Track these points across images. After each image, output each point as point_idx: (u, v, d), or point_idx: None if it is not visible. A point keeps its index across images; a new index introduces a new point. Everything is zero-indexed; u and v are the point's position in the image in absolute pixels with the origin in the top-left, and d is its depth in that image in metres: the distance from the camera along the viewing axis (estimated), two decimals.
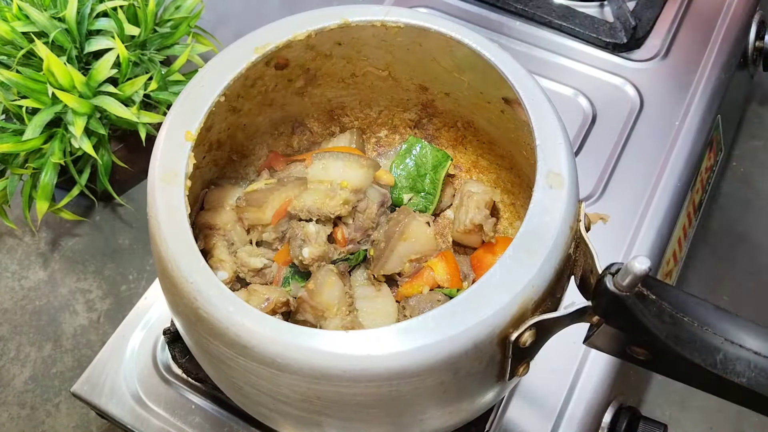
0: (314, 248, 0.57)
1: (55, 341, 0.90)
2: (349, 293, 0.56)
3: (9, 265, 0.97)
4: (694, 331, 0.40)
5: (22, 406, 0.86)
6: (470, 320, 0.41)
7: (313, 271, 0.57)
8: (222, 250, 0.58)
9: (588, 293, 0.44)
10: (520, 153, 0.59)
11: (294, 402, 0.44)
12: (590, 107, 0.84)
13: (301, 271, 0.60)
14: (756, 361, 0.39)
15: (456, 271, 0.60)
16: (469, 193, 0.60)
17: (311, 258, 0.57)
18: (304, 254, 0.56)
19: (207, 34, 0.99)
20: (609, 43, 0.88)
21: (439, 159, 0.64)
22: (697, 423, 0.84)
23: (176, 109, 0.50)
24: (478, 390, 0.48)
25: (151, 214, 0.46)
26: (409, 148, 0.65)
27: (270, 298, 0.54)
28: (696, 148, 0.81)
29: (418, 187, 0.65)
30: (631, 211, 0.75)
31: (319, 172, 0.59)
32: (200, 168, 0.58)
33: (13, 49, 0.85)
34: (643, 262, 0.38)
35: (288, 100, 0.63)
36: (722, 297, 0.94)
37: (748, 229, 1.00)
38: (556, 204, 0.45)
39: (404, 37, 0.56)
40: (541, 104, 0.49)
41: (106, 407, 0.65)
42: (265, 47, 0.52)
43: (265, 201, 0.58)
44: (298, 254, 0.57)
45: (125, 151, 0.95)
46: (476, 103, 0.61)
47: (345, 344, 0.40)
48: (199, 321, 0.43)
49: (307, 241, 0.57)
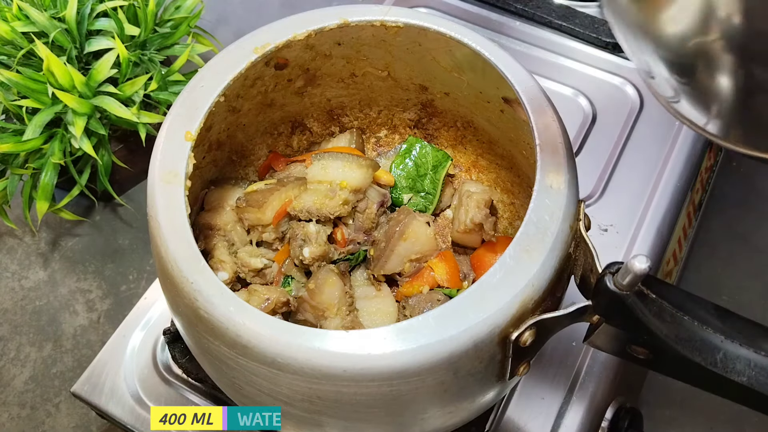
0: (315, 248, 0.57)
1: (55, 341, 0.90)
2: (349, 293, 0.56)
3: (9, 265, 0.97)
4: (695, 330, 0.40)
5: (22, 406, 0.86)
6: (470, 320, 0.41)
7: (313, 270, 0.57)
8: (222, 251, 0.58)
9: (588, 292, 0.44)
10: (519, 153, 0.59)
11: (294, 402, 0.44)
12: (590, 107, 0.84)
13: (301, 270, 0.60)
14: (756, 360, 0.39)
15: (456, 271, 0.60)
16: (468, 192, 0.60)
17: (312, 258, 0.57)
18: (304, 254, 0.56)
19: (207, 34, 0.99)
20: (609, 43, 0.88)
21: (438, 159, 0.64)
22: (697, 423, 0.84)
23: (176, 109, 0.50)
24: (479, 389, 0.48)
25: (151, 214, 0.46)
26: (409, 149, 0.65)
27: (270, 298, 0.54)
28: (696, 148, 0.81)
29: (418, 187, 0.65)
30: (631, 211, 0.75)
31: (318, 172, 0.59)
32: (200, 168, 0.58)
33: (13, 49, 0.86)
34: (643, 262, 0.38)
35: (288, 100, 0.63)
36: (722, 297, 0.94)
37: (748, 229, 1.00)
38: (556, 204, 0.45)
39: (404, 36, 0.56)
40: (541, 104, 0.49)
41: (106, 407, 0.65)
42: (264, 47, 0.52)
43: (265, 201, 0.58)
44: (299, 254, 0.57)
45: (125, 151, 0.95)
46: (476, 102, 0.61)
47: (345, 344, 0.40)
48: (199, 321, 0.43)
49: (308, 241, 0.57)
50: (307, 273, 0.59)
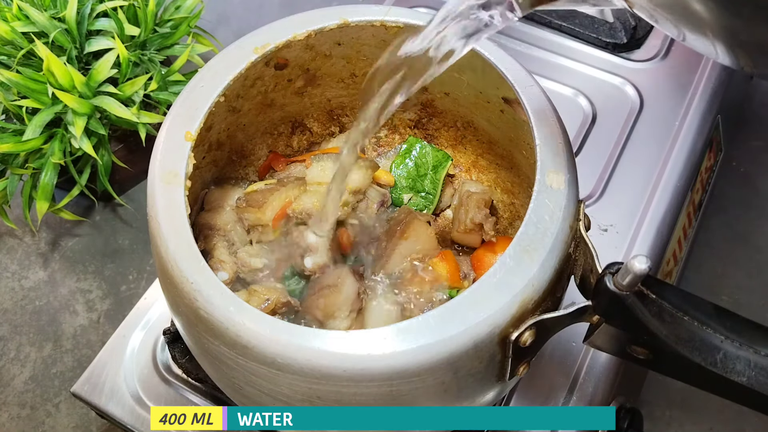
0: (317, 258, 0.56)
1: (55, 341, 0.90)
2: (362, 296, 0.56)
3: (9, 265, 0.97)
4: (694, 330, 0.40)
5: (22, 406, 0.86)
6: (470, 320, 0.41)
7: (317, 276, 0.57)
8: (222, 251, 0.58)
9: (588, 293, 0.44)
10: (519, 153, 0.59)
11: (294, 402, 0.44)
12: (590, 107, 0.84)
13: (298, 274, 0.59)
14: (756, 360, 0.39)
15: (456, 270, 0.60)
16: (468, 192, 0.60)
17: (313, 268, 0.56)
18: (306, 264, 0.56)
19: (207, 34, 0.99)
20: (609, 43, 0.88)
21: (439, 159, 0.64)
22: (697, 423, 0.84)
23: (176, 109, 0.50)
24: (479, 389, 0.48)
25: (151, 214, 0.46)
26: (409, 149, 0.65)
27: (270, 299, 0.54)
28: (696, 148, 0.81)
29: (418, 187, 0.65)
30: (631, 211, 0.75)
31: (317, 174, 0.59)
32: (200, 168, 0.58)
33: (13, 49, 0.86)
34: (643, 262, 0.38)
35: (288, 100, 0.63)
36: (722, 297, 0.94)
37: (748, 230, 1.00)
38: (556, 204, 0.45)
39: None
40: (541, 104, 0.49)
41: (106, 407, 0.65)
42: (264, 47, 0.52)
43: (265, 201, 0.58)
44: (300, 264, 0.56)
45: (125, 151, 0.95)
46: (476, 102, 0.61)
47: (345, 344, 0.40)
48: (199, 321, 0.43)
49: (309, 251, 0.56)
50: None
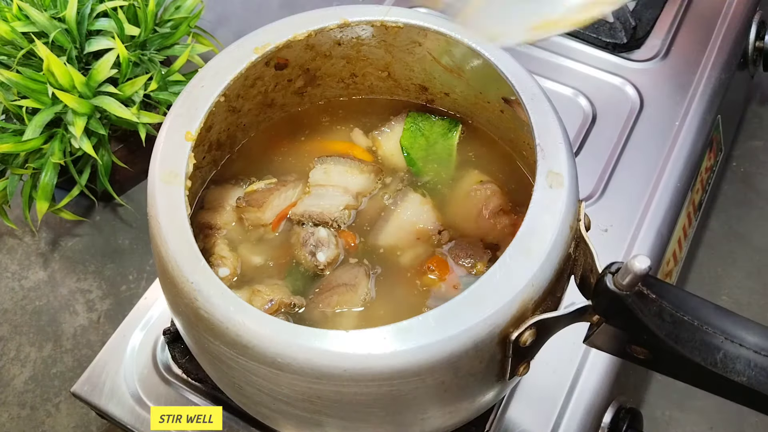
0: (330, 251, 0.56)
1: (55, 341, 0.90)
2: (369, 296, 0.55)
3: (9, 265, 0.97)
4: (694, 330, 0.40)
5: (22, 406, 0.86)
6: (470, 320, 0.41)
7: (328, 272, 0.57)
8: (223, 247, 0.58)
9: (588, 292, 0.44)
10: (520, 153, 0.59)
11: (295, 402, 0.44)
12: (590, 107, 0.84)
13: (301, 272, 0.59)
14: (756, 360, 0.39)
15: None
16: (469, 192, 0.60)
17: (327, 262, 0.56)
18: (319, 259, 0.56)
19: (207, 34, 0.99)
20: (609, 43, 0.88)
21: (446, 126, 0.64)
22: (697, 423, 0.84)
23: (176, 109, 0.50)
24: (479, 389, 0.48)
25: (151, 214, 0.46)
26: (414, 123, 0.64)
27: (274, 300, 0.54)
28: (696, 148, 0.81)
29: (432, 157, 0.63)
30: (631, 211, 0.75)
31: (320, 176, 0.59)
32: (200, 168, 0.58)
33: (13, 49, 0.86)
34: (643, 262, 0.38)
35: (288, 100, 0.63)
36: (722, 297, 0.94)
37: (748, 229, 1.00)
38: (556, 204, 0.45)
39: (404, 36, 0.56)
40: (541, 104, 0.49)
41: (106, 407, 0.65)
42: (265, 47, 0.52)
43: (265, 201, 0.58)
44: (312, 260, 0.56)
45: (125, 151, 0.95)
46: (476, 103, 0.61)
47: (345, 344, 0.40)
48: (199, 321, 0.43)
49: (320, 245, 0.56)
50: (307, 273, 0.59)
